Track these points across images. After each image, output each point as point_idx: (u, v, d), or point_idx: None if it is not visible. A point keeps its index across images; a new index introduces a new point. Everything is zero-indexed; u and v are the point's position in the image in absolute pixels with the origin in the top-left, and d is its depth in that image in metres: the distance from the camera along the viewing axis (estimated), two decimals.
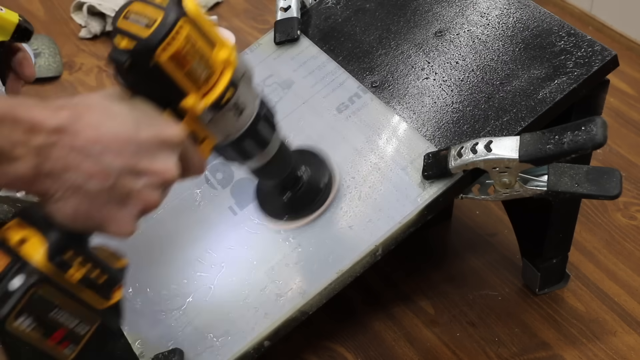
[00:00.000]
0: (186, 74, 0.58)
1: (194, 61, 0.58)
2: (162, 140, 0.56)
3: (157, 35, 0.55)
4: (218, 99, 0.60)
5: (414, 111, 0.84)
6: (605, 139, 0.68)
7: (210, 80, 0.60)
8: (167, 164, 0.57)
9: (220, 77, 0.60)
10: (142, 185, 0.56)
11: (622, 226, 1.04)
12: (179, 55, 0.56)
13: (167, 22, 0.55)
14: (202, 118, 0.60)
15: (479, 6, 0.89)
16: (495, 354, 0.88)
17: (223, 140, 0.65)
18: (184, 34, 0.56)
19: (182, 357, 0.77)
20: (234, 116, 0.63)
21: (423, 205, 0.78)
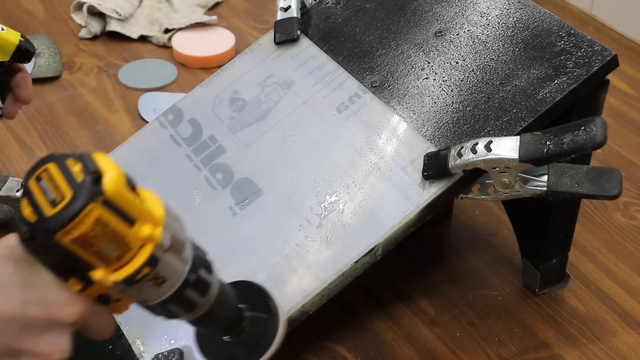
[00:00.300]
0: (93, 253, 0.52)
1: (104, 242, 0.52)
2: (52, 320, 0.51)
3: (60, 219, 0.50)
4: (131, 275, 0.53)
5: (414, 111, 0.84)
6: (605, 139, 0.68)
7: (125, 257, 0.53)
8: (54, 345, 0.52)
9: (138, 254, 0.54)
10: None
11: (622, 226, 1.04)
12: (84, 238, 0.51)
13: (75, 204, 0.50)
14: (113, 289, 0.54)
15: (479, 6, 0.89)
16: (495, 354, 0.88)
17: (142, 303, 0.59)
18: (93, 218, 0.50)
19: (182, 357, 0.77)
20: (152, 286, 0.56)
21: (423, 205, 0.78)
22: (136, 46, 1.40)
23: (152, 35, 1.41)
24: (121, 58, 1.37)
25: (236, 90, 0.95)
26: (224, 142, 0.91)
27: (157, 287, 0.56)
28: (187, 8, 1.47)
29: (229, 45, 1.37)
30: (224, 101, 0.95)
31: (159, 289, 0.56)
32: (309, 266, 0.79)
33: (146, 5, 1.46)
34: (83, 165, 0.51)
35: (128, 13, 1.42)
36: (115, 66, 1.34)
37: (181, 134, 0.94)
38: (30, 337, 0.50)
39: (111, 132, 1.20)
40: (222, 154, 0.90)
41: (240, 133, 0.91)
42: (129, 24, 1.42)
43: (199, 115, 0.95)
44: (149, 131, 0.97)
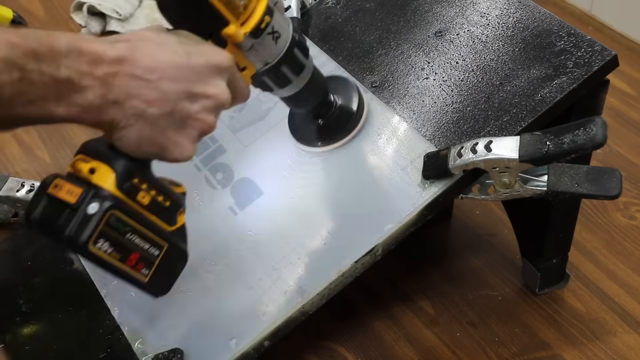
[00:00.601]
0: (226, 3, 0.62)
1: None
2: (212, 65, 0.61)
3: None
4: (257, 25, 0.65)
5: (414, 111, 0.84)
6: (605, 139, 0.68)
7: (248, 9, 0.64)
8: (219, 88, 0.61)
9: (257, 6, 0.65)
10: (198, 108, 0.60)
11: (622, 226, 1.04)
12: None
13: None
14: (242, 45, 0.66)
15: (479, 6, 0.89)
16: (495, 354, 0.88)
17: (262, 67, 0.70)
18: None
19: (182, 357, 0.77)
20: (271, 42, 0.68)
21: (423, 205, 0.78)
22: None
23: None
24: None
25: None
26: (224, 142, 0.91)
27: (274, 43, 0.68)
28: None
29: None
30: None
31: (276, 45, 0.69)
32: (309, 266, 0.79)
33: (146, 5, 1.46)
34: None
35: (128, 13, 1.42)
36: None
37: None
38: (199, 82, 0.60)
39: None
40: (222, 154, 0.90)
41: (240, 133, 0.91)
42: (129, 24, 1.42)
43: None
44: None
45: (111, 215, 0.58)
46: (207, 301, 0.81)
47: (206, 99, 0.60)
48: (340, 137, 0.84)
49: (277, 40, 0.69)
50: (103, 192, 0.58)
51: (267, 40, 0.68)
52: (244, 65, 0.68)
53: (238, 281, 0.81)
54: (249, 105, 0.93)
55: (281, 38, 0.69)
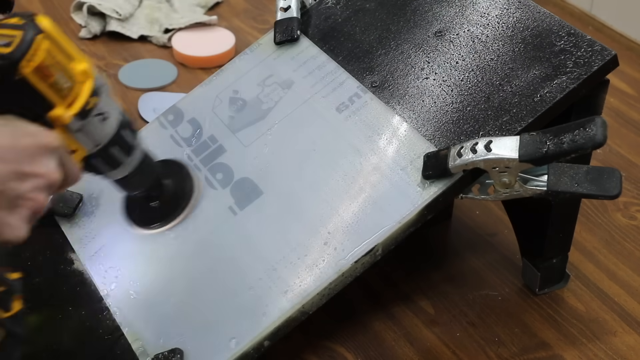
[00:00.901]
0: (50, 85, 0.63)
1: (57, 73, 0.63)
2: (41, 145, 0.61)
3: (19, 50, 0.60)
4: (83, 106, 0.66)
5: (414, 111, 0.84)
6: (605, 138, 0.68)
7: (74, 91, 0.65)
8: (50, 167, 0.61)
9: (83, 87, 0.66)
10: (29, 187, 0.60)
11: (622, 226, 1.04)
12: (42, 67, 0.62)
13: (27, 37, 0.61)
14: (70, 127, 0.66)
15: (479, 6, 0.89)
16: (495, 354, 0.88)
17: (92, 149, 0.70)
18: (44, 48, 0.62)
19: (182, 357, 0.77)
20: (99, 123, 0.69)
21: (423, 205, 0.78)
22: (136, 46, 1.40)
23: (152, 35, 1.41)
24: (121, 58, 1.37)
25: (236, 90, 0.95)
26: (224, 142, 0.91)
27: (103, 125, 0.69)
28: (187, 8, 1.47)
29: (229, 45, 1.37)
30: (224, 101, 0.95)
31: (104, 126, 0.69)
32: (309, 266, 0.79)
33: (146, 5, 1.46)
34: (19, 16, 0.62)
35: (128, 13, 1.42)
36: (115, 66, 1.34)
37: (181, 134, 0.94)
38: (28, 162, 0.60)
39: None
40: (222, 154, 0.90)
41: (240, 133, 0.91)
42: (129, 24, 1.42)
43: (199, 115, 0.95)
44: (149, 131, 0.97)
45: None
46: (207, 301, 0.81)
47: (36, 178, 0.60)
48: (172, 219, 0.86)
49: (105, 122, 0.69)
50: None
51: (95, 122, 0.68)
52: (74, 148, 0.68)
53: (238, 281, 0.81)
54: (249, 105, 0.93)
55: (109, 119, 0.70)
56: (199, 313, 0.80)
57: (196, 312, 0.81)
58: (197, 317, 0.80)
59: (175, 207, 0.86)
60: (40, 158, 0.61)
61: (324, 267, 0.78)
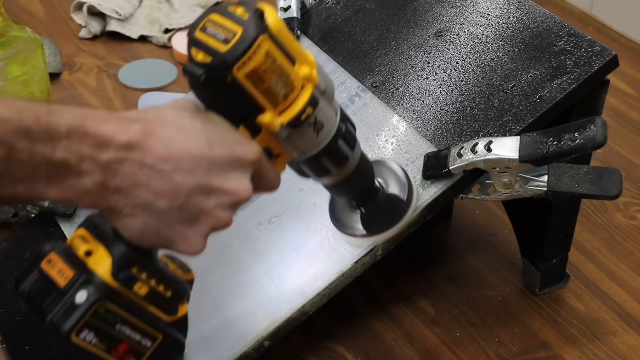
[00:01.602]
0: (264, 90, 0.56)
1: (273, 78, 0.55)
2: (235, 159, 0.55)
3: (236, 51, 0.53)
4: (296, 116, 0.58)
5: (414, 111, 0.84)
6: (605, 139, 0.68)
7: (289, 97, 0.57)
8: (240, 184, 0.55)
9: (300, 94, 0.58)
10: (213, 204, 0.55)
11: (622, 226, 1.04)
12: (257, 72, 0.54)
13: (247, 37, 0.53)
14: (278, 135, 0.59)
15: (479, 6, 0.89)
16: (495, 354, 0.88)
17: (299, 156, 0.63)
18: (264, 51, 0.54)
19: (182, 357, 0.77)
20: (312, 133, 0.61)
21: (423, 205, 0.78)
22: (136, 46, 1.40)
23: (152, 35, 1.41)
24: (121, 58, 1.37)
25: None
26: None
27: (315, 135, 0.60)
28: (187, 8, 1.47)
29: None
30: None
31: (317, 136, 0.61)
32: (309, 266, 0.79)
33: (146, 5, 1.46)
34: (244, 7, 0.54)
35: (128, 13, 1.42)
36: (115, 66, 1.34)
37: None
38: (218, 176, 0.54)
39: None
40: None
41: None
42: (129, 24, 1.42)
43: None
44: None
45: (100, 306, 0.54)
46: (207, 301, 0.81)
47: (224, 194, 0.55)
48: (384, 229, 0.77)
49: (319, 132, 0.61)
50: (95, 280, 0.54)
51: (308, 132, 0.60)
52: (279, 152, 0.61)
53: (238, 281, 0.81)
54: None
55: (324, 129, 0.61)
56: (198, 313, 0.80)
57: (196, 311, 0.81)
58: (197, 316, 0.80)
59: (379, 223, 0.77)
60: (232, 172, 0.55)
61: (324, 267, 0.78)
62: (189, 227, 0.55)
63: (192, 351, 0.78)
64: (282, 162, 0.62)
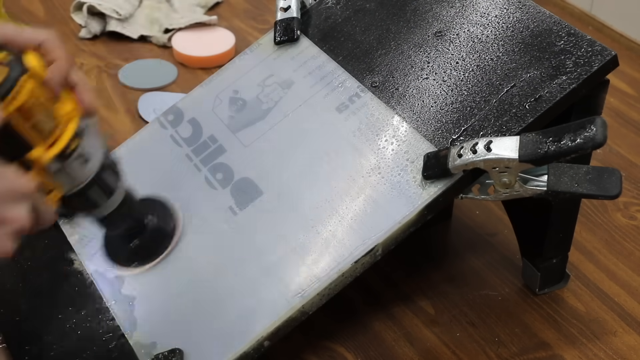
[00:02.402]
0: (32, 126, 0.60)
1: (39, 114, 0.60)
2: (13, 190, 0.59)
3: (3, 88, 0.58)
4: (64, 149, 0.63)
5: (414, 111, 0.84)
6: (605, 139, 0.68)
7: (55, 132, 0.62)
8: (20, 213, 0.59)
9: (65, 129, 0.63)
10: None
11: (622, 226, 1.04)
12: (24, 108, 0.59)
13: (11, 77, 0.58)
14: (49, 168, 0.63)
15: (479, 6, 0.89)
16: (495, 354, 0.88)
17: (70, 189, 0.67)
18: (29, 89, 0.59)
19: (182, 357, 0.77)
20: (79, 165, 0.66)
21: (423, 205, 0.78)
22: (136, 46, 1.40)
23: (152, 35, 1.41)
24: (121, 58, 1.37)
25: (236, 90, 0.95)
26: (224, 142, 0.91)
27: (83, 167, 0.66)
28: (187, 8, 1.47)
29: (229, 45, 1.37)
30: (224, 101, 0.95)
31: (85, 169, 0.66)
32: (309, 266, 0.79)
33: (146, 5, 1.46)
34: (6, 52, 0.59)
35: (128, 13, 1.42)
36: (115, 66, 1.34)
37: (181, 134, 0.94)
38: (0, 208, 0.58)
39: (111, 132, 1.20)
40: (222, 154, 0.90)
41: (240, 133, 0.91)
42: (129, 24, 1.42)
43: (199, 115, 0.95)
44: (149, 131, 0.97)
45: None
46: (207, 301, 0.81)
47: (4, 224, 0.59)
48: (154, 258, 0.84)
49: (86, 164, 0.67)
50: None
51: (75, 164, 0.65)
52: (50, 188, 0.65)
53: (238, 281, 0.81)
54: (249, 105, 0.93)
55: (90, 161, 0.67)
56: (199, 313, 0.80)
57: (196, 311, 0.81)
58: (197, 316, 0.80)
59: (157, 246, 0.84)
60: (12, 203, 0.59)
61: (324, 267, 0.78)
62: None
63: (192, 351, 0.78)
64: (54, 197, 0.66)
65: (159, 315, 0.82)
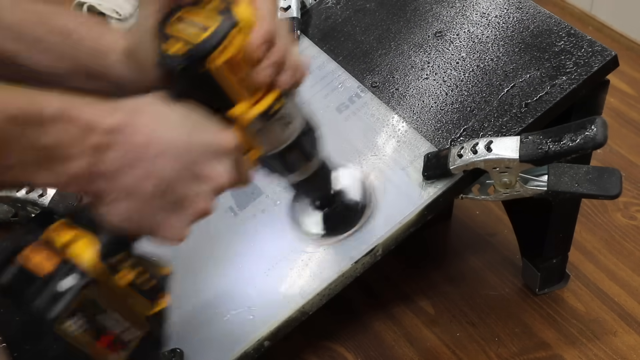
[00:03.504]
0: (238, 81, 0.57)
1: (246, 69, 0.57)
2: (216, 146, 0.56)
3: (213, 40, 0.55)
4: (268, 108, 0.60)
5: (414, 111, 0.84)
6: (605, 138, 0.68)
7: (261, 90, 0.59)
8: (221, 170, 0.56)
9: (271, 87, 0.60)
10: (196, 191, 0.55)
11: (622, 226, 1.04)
12: (233, 61, 0.56)
13: (221, 28, 0.55)
14: (250, 127, 0.60)
15: (479, 6, 0.89)
16: (495, 354, 0.88)
17: (269, 151, 0.65)
18: (238, 42, 0.55)
19: (182, 357, 0.77)
20: (281, 127, 0.63)
21: (423, 205, 0.78)
22: None
23: None
24: None
25: None
26: None
27: (283, 129, 0.63)
28: None
29: None
30: None
31: (286, 131, 0.64)
32: (309, 266, 0.79)
33: None
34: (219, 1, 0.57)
35: (128, 13, 1.42)
36: None
37: None
38: (200, 163, 0.55)
39: None
40: None
41: None
42: (129, 24, 1.42)
43: None
44: None
45: (86, 293, 0.53)
46: (207, 301, 0.81)
47: (206, 181, 0.56)
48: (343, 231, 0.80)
49: (287, 127, 0.64)
50: (80, 267, 0.53)
51: (277, 126, 0.63)
52: (250, 147, 0.62)
53: (238, 281, 0.81)
54: None
55: (292, 125, 0.64)
56: (199, 313, 0.80)
57: (196, 312, 0.81)
58: (197, 317, 0.80)
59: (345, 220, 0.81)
60: (213, 160, 0.56)
61: (324, 267, 0.78)
62: (173, 214, 0.55)
63: (193, 351, 0.78)
64: (253, 157, 0.63)
65: None
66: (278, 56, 0.58)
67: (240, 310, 0.79)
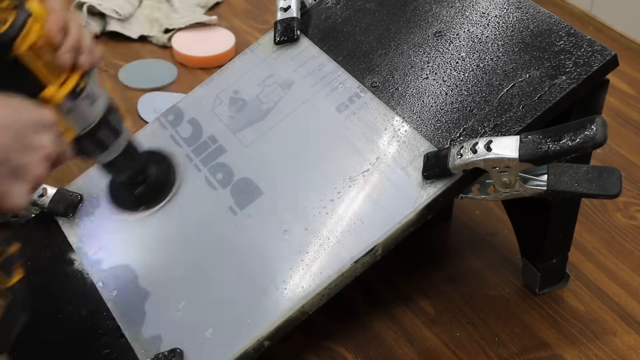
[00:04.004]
0: (44, 65, 0.67)
1: (50, 54, 0.67)
2: (38, 119, 0.64)
3: (14, 29, 0.65)
4: (74, 87, 0.70)
5: (414, 111, 0.84)
6: (605, 138, 0.68)
7: (65, 72, 0.69)
8: (47, 141, 0.65)
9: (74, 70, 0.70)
10: (30, 160, 0.63)
11: (622, 226, 1.04)
12: (35, 47, 0.66)
13: (20, 18, 0.65)
14: (61, 107, 0.70)
15: (478, 6, 0.89)
16: (495, 354, 0.88)
17: (81, 130, 0.74)
18: (36, 29, 0.66)
19: (182, 357, 0.77)
20: (88, 105, 0.73)
21: (423, 205, 0.78)
22: (136, 46, 1.40)
23: (152, 35, 1.41)
24: (121, 58, 1.37)
25: (236, 90, 0.95)
26: (224, 142, 0.91)
27: (91, 107, 0.73)
28: (187, 8, 1.47)
29: (229, 45, 1.37)
30: (224, 101, 0.95)
31: (93, 108, 0.74)
32: (309, 266, 0.79)
33: (146, 5, 1.46)
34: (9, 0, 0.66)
35: (128, 13, 1.42)
36: (115, 66, 1.34)
37: (181, 134, 0.94)
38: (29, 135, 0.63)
39: None
40: (222, 154, 0.90)
41: (240, 133, 0.91)
42: (129, 24, 1.42)
43: (199, 115, 0.95)
44: (150, 132, 0.97)
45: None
46: (206, 301, 0.81)
47: (36, 151, 0.64)
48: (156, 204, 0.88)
49: (93, 104, 0.74)
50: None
51: (84, 103, 0.72)
52: (64, 129, 0.71)
53: (238, 281, 0.81)
54: (249, 105, 0.93)
55: (97, 102, 0.74)
56: (199, 313, 0.80)
57: (196, 312, 0.81)
58: (197, 317, 0.80)
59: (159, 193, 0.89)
60: (40, 132, 0.64)
61: (324, 267, 0.78)
62: (13, 183, 0.63)
63: (192, 351, 0.78)
64: (68, 139, 0.71)
65: (160, 316, 0.81)
66: (74, 41, 0.69)
67: (240, 310, 0.79)
